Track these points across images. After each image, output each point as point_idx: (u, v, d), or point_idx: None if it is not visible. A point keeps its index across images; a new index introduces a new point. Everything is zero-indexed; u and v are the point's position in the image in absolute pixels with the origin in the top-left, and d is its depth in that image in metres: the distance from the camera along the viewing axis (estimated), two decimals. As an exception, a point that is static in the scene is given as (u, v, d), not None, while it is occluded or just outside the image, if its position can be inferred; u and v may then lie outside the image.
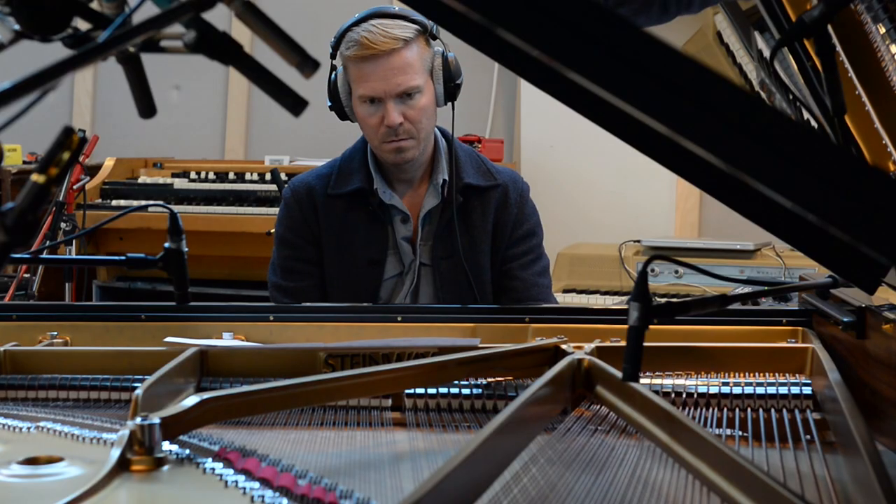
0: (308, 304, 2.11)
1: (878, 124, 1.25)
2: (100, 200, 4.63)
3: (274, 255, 2.32)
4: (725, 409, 1.40)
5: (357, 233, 2.24)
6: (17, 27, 0.95)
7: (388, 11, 2.17)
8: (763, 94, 1.65)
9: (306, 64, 0.97)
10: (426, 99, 2.18)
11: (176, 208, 1.70)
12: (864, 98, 1.25)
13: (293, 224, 2.28)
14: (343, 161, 2.30)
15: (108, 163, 4.81)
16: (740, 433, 1.34)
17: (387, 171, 2.26)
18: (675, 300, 1.69)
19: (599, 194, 4.59)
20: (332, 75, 2.24)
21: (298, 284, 2.25)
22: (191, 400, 1.26)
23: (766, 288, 1.38)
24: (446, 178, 2.24)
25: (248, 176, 4.65)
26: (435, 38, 2.21)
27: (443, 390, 1.47)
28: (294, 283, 2.26)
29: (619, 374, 1.34)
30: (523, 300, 2.24)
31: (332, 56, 2.23)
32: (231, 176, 4.68)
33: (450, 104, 2.26)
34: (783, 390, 1.41)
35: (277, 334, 1.81)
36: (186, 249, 1.61)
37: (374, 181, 2.23)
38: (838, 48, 1.24)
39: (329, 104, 2.25)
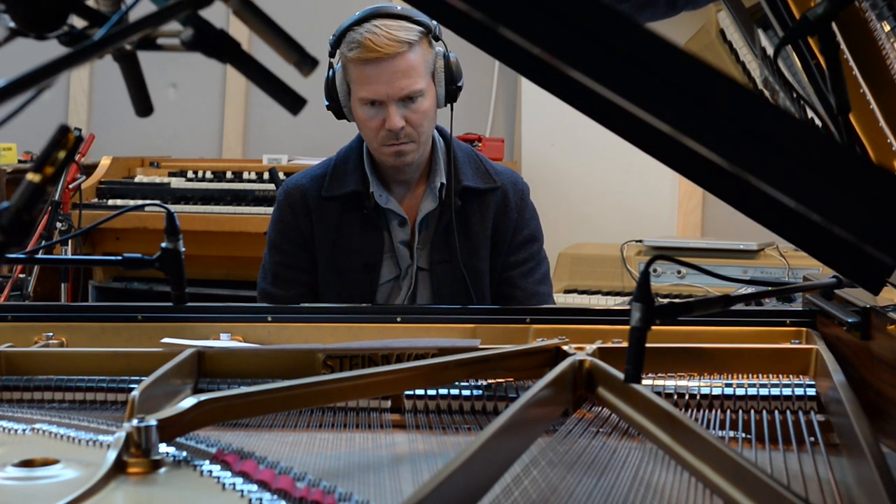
0: (307, 304, 2.10)
1: (882, 123, 1.24)
2: (96, 200, 4.62)
3: (265, 258, 2.29)
4: (728, 411, 1.39)
5: (352, 236, 2.21)
6: (12, 25, 0.94)
7: (390, 11, 2.12)
8: (766, 93, 1.65)
9: (304, 62, 0.96)
10: (428, 102, 2.14)
11: (173, 208, 1.69)
12: (869, 96, 1.25)
13: (285, 228, 2.24)
14: (338, 161, 2.26)
15: (105, 162, 4.80)
16: (743, 435, 1.33)
17: (383, 173, 2.22)
18: (677, 301, 1.68)
19: (601, 194, 4.59)
20: (330, 72, 2.19)
21: (287, 293, 2.22)
22: (188, 401, 1.25)
23: (769, 288, 1.37)
24: (444, 181, 2.21)
25: (245, 175, 4.64)
26: (438, 39, 2.16)
27: (443, 392, 1.46)
28: (283, 290, 2.23)
29: (620, 375, 1.33)
30: None
31: (332, 55, 2.18)
32: (228, 175, 4.68)
33: (448, 105, 2.22)
34: (787, 392, 1.40)
35: (275, 335, 1.80)
36: (184, 249, 1.60)
37: (369, 183, 2.20)
38: (842, 46, 1.23)
39: (326, 103, 2.21)
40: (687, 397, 1.41)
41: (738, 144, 0.90)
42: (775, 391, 1.40)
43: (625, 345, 1.10)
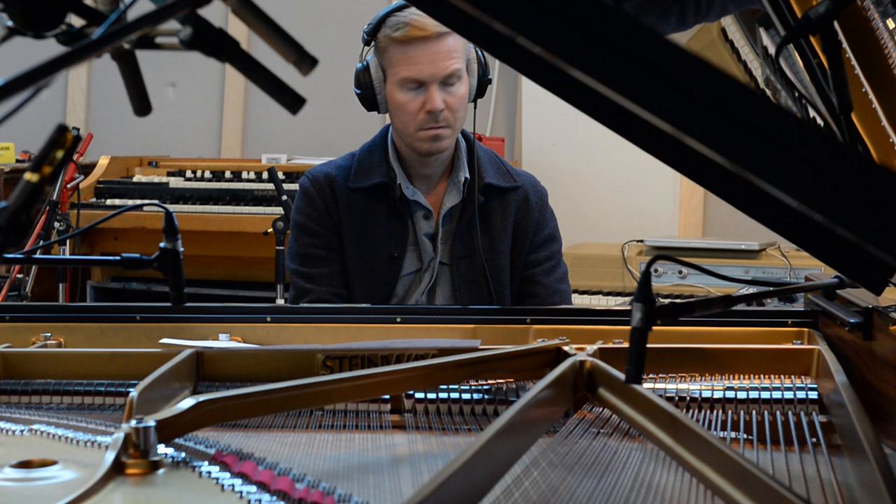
0: (306, 304, 2.09)
1: (885, 122, 1.24)
2: (94, 199, 4.62)
3: (292, 243, 2.30)
4: (730, 412, 1.39)
5: (377, 227, 2.24)
6: (10, 23, 0.93)
7: None
8: (768, 92, 1.64)
9: (304, 61, 0.95)
10: (464, 88, 2.20)
11: (171, 207, 1.68)
12: (871, 95, 1.24)
13: (314, 212, 2.26)
14: (362, 154, 2.30)
15: (103, 161, 4.79)
16: (745, 436, 1.33)
17: (408, 166, 2.26)
18: (678, 301, 1.68)
19: (602, 193, 4.58)
20: (364, 63, 2.22)
21: (321, 270, 2.23)
22: (187, 402, 1.25)
23: (771, 288, 1.36)
24: (468, 176, 2.24)
25: (244, 175, 4.63)
26: None
27: (443, 393, 1.45)
28: (316, 268, 2.24)
29: (621, 376, 1.33)
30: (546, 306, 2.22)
31: (368, 42, 2.22)
32: (227, 175, 4.67)
33: (470, 104, 2.27)
34: (788, 393, 1.40)
35: (275, 335, 1.79)
36: (182, 249, 1.59)
37: (395, 176, 2.23)
38: (844, 45, 1.22)
39: (357, 91, 2.24)
40: (688, 398, 1.41)
41: (740, 144, 0.89)
42: (777, 392, 1.40)
43: (626, 345, 1.10)
